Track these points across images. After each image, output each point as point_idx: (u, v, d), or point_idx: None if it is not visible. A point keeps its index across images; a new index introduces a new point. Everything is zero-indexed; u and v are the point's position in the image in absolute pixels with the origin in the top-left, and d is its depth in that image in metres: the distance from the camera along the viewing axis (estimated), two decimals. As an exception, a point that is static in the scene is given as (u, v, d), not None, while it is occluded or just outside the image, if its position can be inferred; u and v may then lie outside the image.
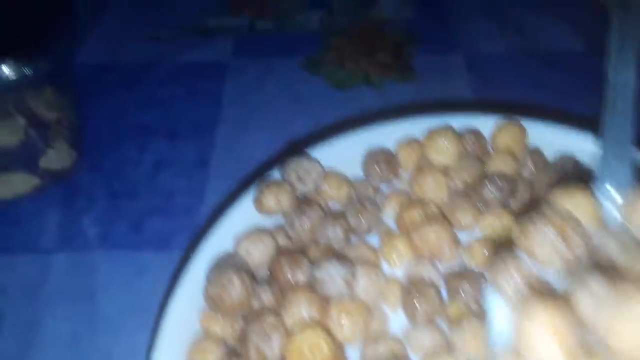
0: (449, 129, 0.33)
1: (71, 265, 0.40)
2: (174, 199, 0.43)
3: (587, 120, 0.32)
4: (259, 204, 0.30)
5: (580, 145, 0.32)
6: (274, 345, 0.25)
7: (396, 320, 0.28)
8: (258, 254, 0.29)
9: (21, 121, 0.41)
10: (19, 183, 0.43)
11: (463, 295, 0.27)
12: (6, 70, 0.38)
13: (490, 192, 0.30)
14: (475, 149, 0.33)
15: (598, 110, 0.25)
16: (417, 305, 0.27)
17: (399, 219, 0.31)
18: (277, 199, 0.30)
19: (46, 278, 0.39)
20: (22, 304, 0.38)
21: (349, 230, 0.30)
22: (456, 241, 0.29)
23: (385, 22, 0.57)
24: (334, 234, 0.29)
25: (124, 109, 0.49)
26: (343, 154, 0.33)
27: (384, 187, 0.33)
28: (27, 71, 0.38)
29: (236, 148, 0.46)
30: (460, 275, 0.28)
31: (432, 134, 0.33)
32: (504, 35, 0.55)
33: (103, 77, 0.52)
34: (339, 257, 0.28)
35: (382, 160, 0.32)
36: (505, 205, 0.31)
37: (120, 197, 0.43)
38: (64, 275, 0.40)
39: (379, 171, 0.32)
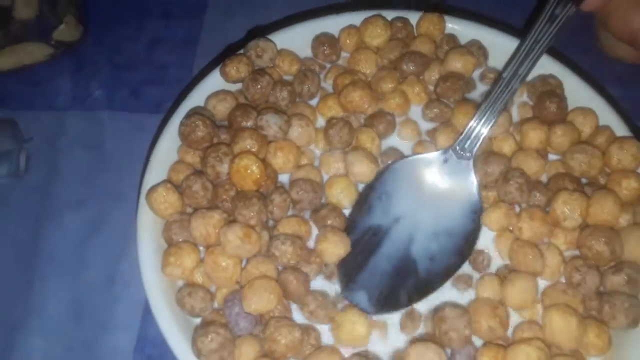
0: (380, 17, 0.40)
1: (83, 121, 0.49)
2: (167, 71, 0.51)
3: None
4: (223, 73, 0.39)
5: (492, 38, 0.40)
6: (224, 166, 0.35)
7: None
8: (222, 108, 0.38)
9: (34, -3, 0.49)
10: (36, 52, 0.51)
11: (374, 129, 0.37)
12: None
13: (407, 66, 0.39)
14: (403, 34, 0.40)
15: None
16: (331, 133, 0.36)
17: (334, 83, 0.39)
18: (237, 69, 0.38)
19: (63, 130, 0.48)
20: (45, 149, 0.47)
21: (294, 94, 0.39)
22: (375, 99, 0.38)
23: None
24: (281, 95, 0.38)
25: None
26: (297, 38, 0.41)
27: (328, 66, 0.41)
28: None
29: (222, 30, 0.52)
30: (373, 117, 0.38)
31: (367, 21, 0.40)
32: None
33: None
34: (278, 110, 0.36)
35: (326, 42, 0.40)
36: (419, 78, 0.39)
37: (120, 68, 0.51)
38: (78, 129, 0.49)
39: (323, 50, 0.40)
